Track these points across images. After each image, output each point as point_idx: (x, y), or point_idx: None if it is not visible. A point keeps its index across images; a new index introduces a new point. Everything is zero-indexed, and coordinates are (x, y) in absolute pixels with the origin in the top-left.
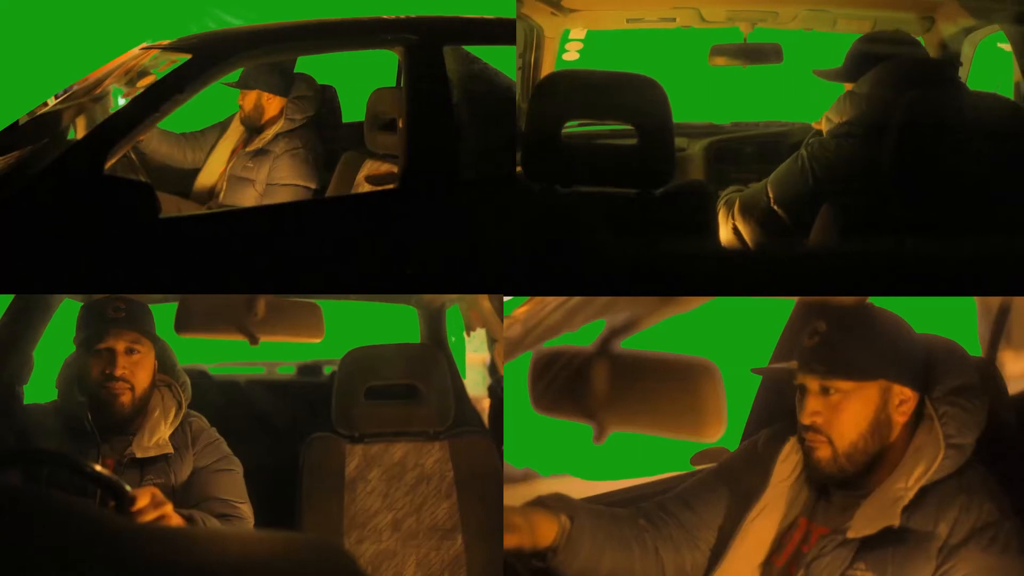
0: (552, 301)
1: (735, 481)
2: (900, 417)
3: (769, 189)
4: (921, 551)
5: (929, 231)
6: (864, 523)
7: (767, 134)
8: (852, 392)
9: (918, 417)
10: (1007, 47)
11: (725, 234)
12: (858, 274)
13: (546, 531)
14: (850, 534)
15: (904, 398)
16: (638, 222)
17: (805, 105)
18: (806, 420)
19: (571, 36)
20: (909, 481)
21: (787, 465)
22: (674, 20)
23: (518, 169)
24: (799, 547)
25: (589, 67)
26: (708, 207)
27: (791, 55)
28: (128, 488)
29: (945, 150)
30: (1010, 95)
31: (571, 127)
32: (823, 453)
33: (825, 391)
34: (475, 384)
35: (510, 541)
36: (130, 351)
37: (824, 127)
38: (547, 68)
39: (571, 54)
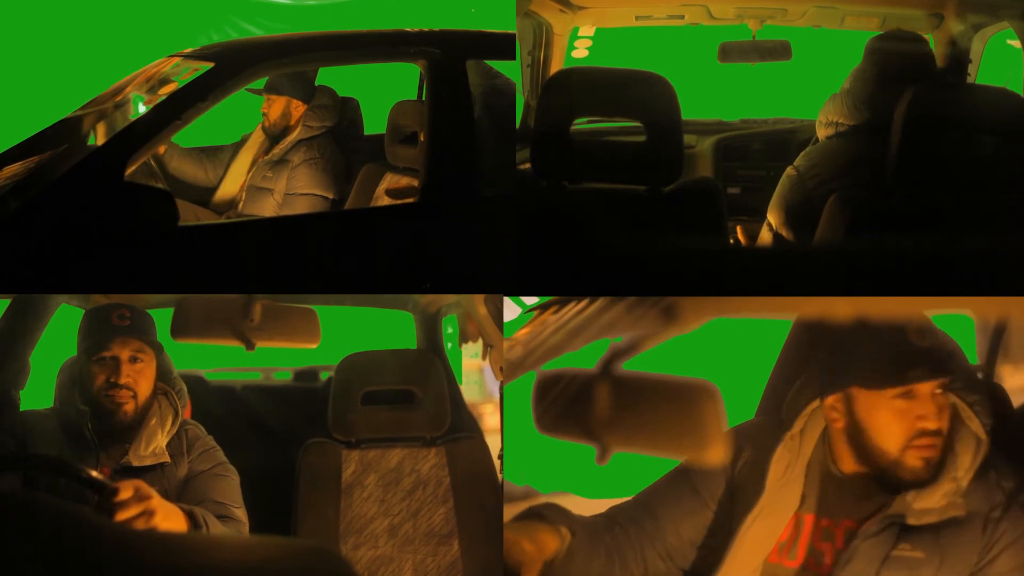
0: (553, 322)
1: (703, 484)
2: None
3: (769, 219)
4: (966, 527)
5: (926, 229)
6: (927, 513)
7: (776, 131)
8: (947, 390)
9: None
10: (1016, 43)
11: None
12: (871, 272)
13: (549, 544)
14: (911, 521)
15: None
16: (646, 219)
17: (814, 102)
18: (931, 425)
19: (580, 33)
20: (959, 471)
21: (780, 464)
22: (683, 17)
23: (525, 166)
24: (812, 543)
25: (598, 64)
26: (717, 204)
27: (800, 52)
28: (109, 482)
29: (932, 145)
30: (1020, 91)
31: (580, 124)
32: (935, 456)
33: (937, 392)
34: (471, 390)
35: (512, 556)
36: (134, 359)
37: (818, 132)
38: (556, 65)
39: (580, 51)
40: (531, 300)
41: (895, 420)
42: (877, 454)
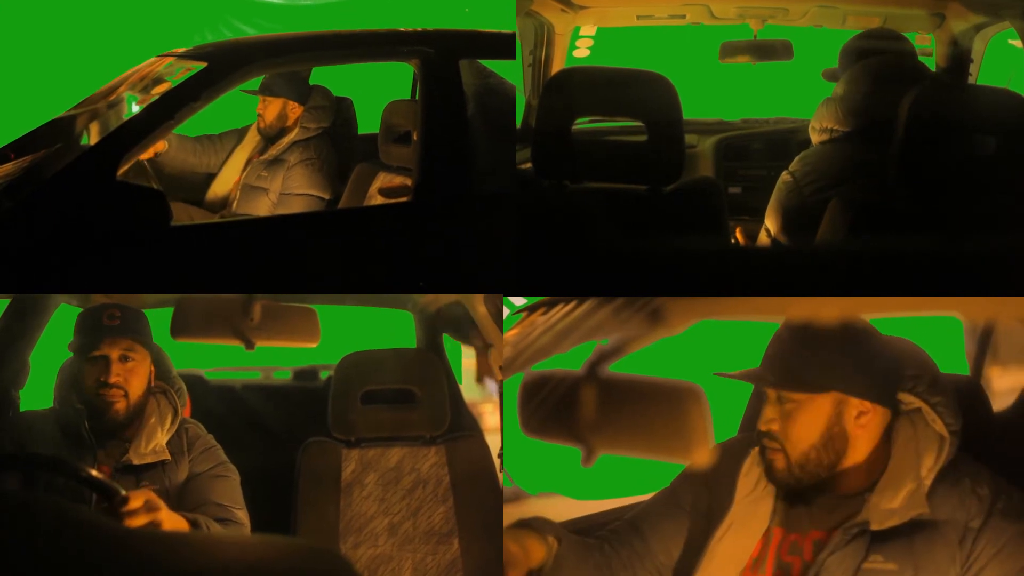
0: (541, 324)
1: (689, 503)
2: (858, 430)
3: (766, 224)
4: (939, 536)
5: (928, 230)
6: (886, 515)
7: (777, 131)
8: (804, 403)
9: (894, 413)
10: (1018, 43)
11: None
12: (869, 273)
13: (536, 552)
14: (875, 525)
15: (863, 410)
16: (647, 219)
17: (815, 102)
18: (763, 426)
19: (582, 33)
20: (922, 471)
21: (749, 479)
22: (684, 17)
23: (526, 165)
24: (779, 557)
25: (599, 64)
26: (717, 204)
27: (801, 52)
28: (122, 489)
29: (934, 147)
30: (1022, 91)
31: (581, 123)
32: (779, 462)
33: (780, 399)
34: (471, 389)
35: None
36: (124, 358)
37: (812, 136)
38: (558, 65)
39: (581, 51)
40: (520, 301)
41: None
42: None
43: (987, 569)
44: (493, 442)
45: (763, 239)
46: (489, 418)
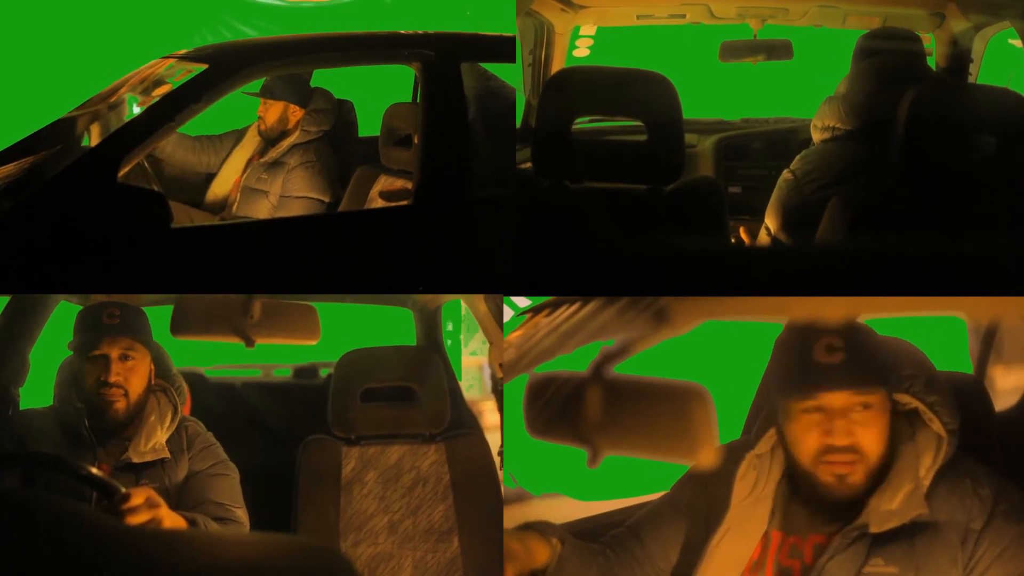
0: (545, 325)
1: (688, 507)
2: (891, 423)
3: (766, 223)
4: (940, 538)
5: (928, 230)
6: (885, 517)
7: (777, 130)
8: (878, 404)
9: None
10: (1018, 43)
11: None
12: (868, 272)
13: (539, 552)
14: (874, 528)
15: (893, 403)
16: (647, 219)
17: (816, 101)
18: (841, 441)
19: (581, 32)
20: (920, 471)
21: (746, 483)
22: (684, 16)
23: (526, 165)
24: (779, 561)
25: (599, 63)
26: (718, 204)
27: (801, 51)
28: (121, 487)
29: (934, 147)
30: (1021, 91)
31: (581, 123)
32: (856, 475)
33: (854, 408)
34: (471, 386)
35: (506, 564)
36: (124, 357)
37: (813, 135)
38: (557, 64)
39: (581, 50)
40: (524, 302)
41: (804, 434)
42: (797, 468)
43: (989, 571)
44: (493, 440)
45: (763, 238)
46: (489, 416)
